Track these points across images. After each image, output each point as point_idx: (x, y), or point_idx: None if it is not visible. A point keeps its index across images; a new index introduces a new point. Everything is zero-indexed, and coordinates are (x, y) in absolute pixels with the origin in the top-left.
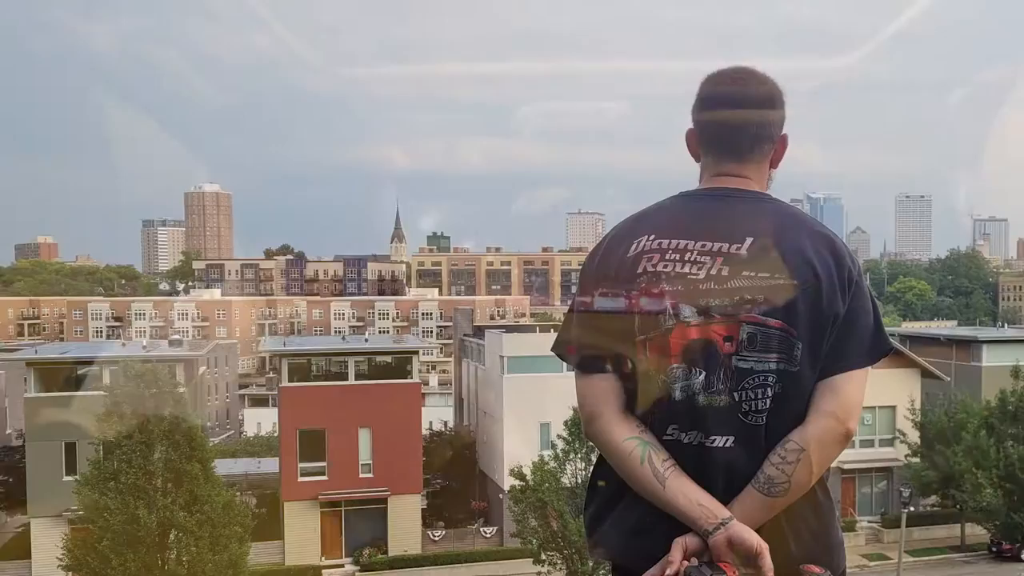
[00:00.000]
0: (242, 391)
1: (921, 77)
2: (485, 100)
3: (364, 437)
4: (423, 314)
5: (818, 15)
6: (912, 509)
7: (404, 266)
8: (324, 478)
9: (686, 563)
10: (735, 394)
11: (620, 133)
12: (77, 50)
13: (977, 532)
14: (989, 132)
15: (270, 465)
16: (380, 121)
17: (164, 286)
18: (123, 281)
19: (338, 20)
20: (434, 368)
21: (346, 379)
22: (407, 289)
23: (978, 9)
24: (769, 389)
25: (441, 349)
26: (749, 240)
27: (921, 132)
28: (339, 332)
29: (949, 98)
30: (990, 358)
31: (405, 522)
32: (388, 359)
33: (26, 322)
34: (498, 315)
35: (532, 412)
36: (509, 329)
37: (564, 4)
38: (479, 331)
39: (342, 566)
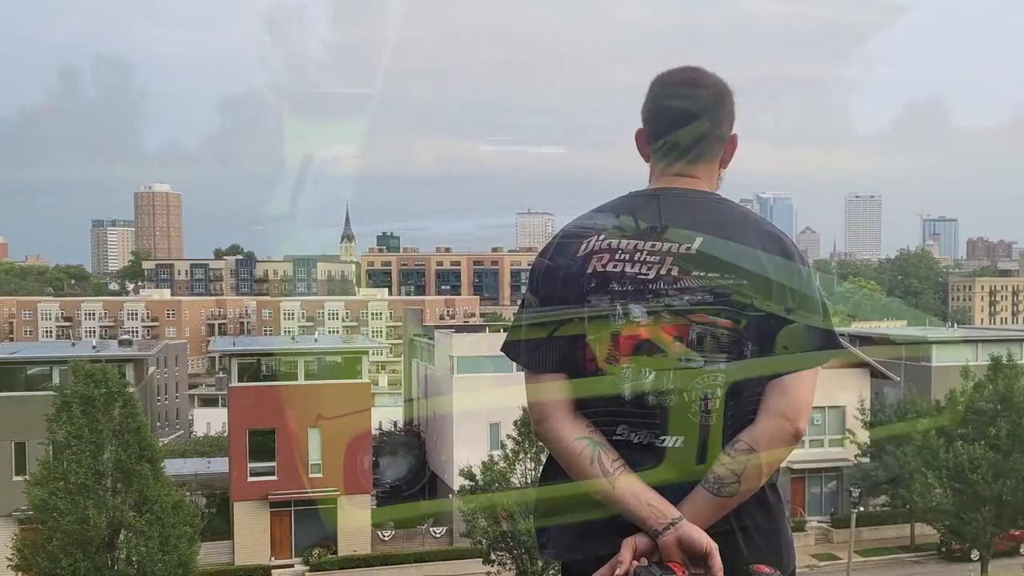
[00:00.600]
0: (192, 391)
1: (872, 78)
2: (440, 99)
3: (314, 437)
4: (373, 314)
5: (772, 16)
6: (862, 509)
7: (354, 266)
8: (274, 478)
9: (636, 563)
10: (685, 394)
11: (573, 132)
12: (26, 50)
13: (927, 532)
14: (936, 132)
15: (220, 465)
16: (330, 120)
17: (114, 286)
18: (73, 281)
19: (290, 18)
20: (384, 368)
21: (296, 379)
22: (357, 289)
23: (931, 12)
24: (719, 389)
25: (391, 349)
26: (699, 240)
27: (871, 132)
28: (289, 332)
29: (900, 98)
30: (939, 358)
31: (354, 522)
32: (338, 359)
33: None
34: (448, 315)
35: (482, 412)
36: (459, 329)
37: (524, 2)
38: (429, 331)
39: (292, 566)
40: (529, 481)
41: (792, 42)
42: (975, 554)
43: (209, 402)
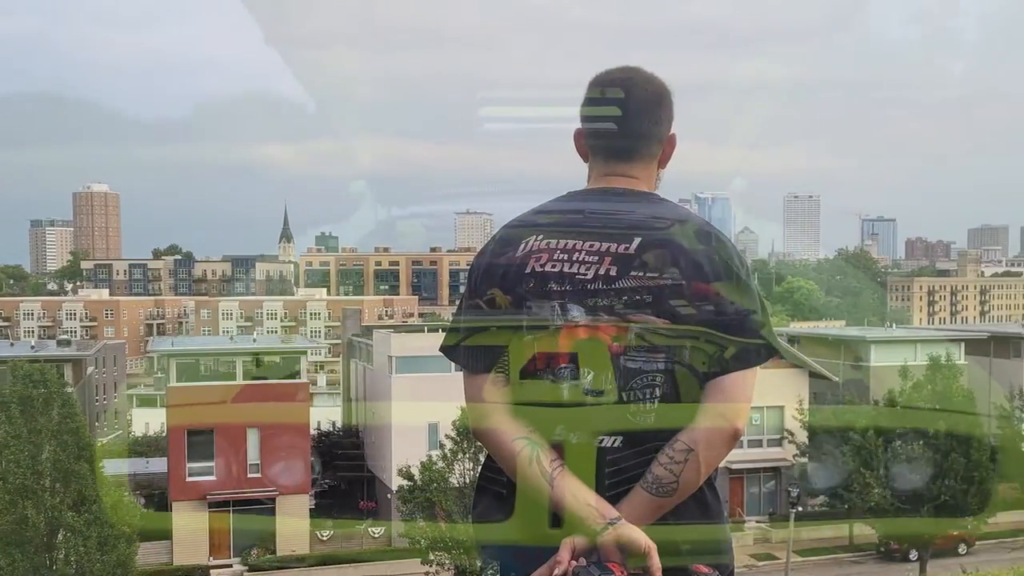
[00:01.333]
0: (130, 391)
1: (812, 77)
2: (379, 99)
3: (252, 437)
4: (311, 314)
5: (710, 15)
6: (800, 509)
7: (292, 266)
8: (212, 478)
9: (574, 563)
10: (623, 394)
11: (511, 132)
12: None
13: (866, 532)
14: (879, 133)
15: (158, 465)
16: (271, 120)
17: (52, 286)
18: (11, 281)
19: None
20: (322, 368)
21: (234, 379)
22: (295, 289)
23: (871, 11)
24: (657, 389)
25: (329, 349)
26: (637, 240)
27: (811, 132)
28: (227, 332)
29: (840, 98)
30: (878, 358)
31: (293, 522)
32: (276, 359)
33: None
34: (386, 315)
35: (420, 412)
36: (397, 329)
37: (463, 2)
38: (367, 331)
39: (230, 566)
40: (468, 481)
41: (732, 42)
42: (914, 554)
43: (148, 402)
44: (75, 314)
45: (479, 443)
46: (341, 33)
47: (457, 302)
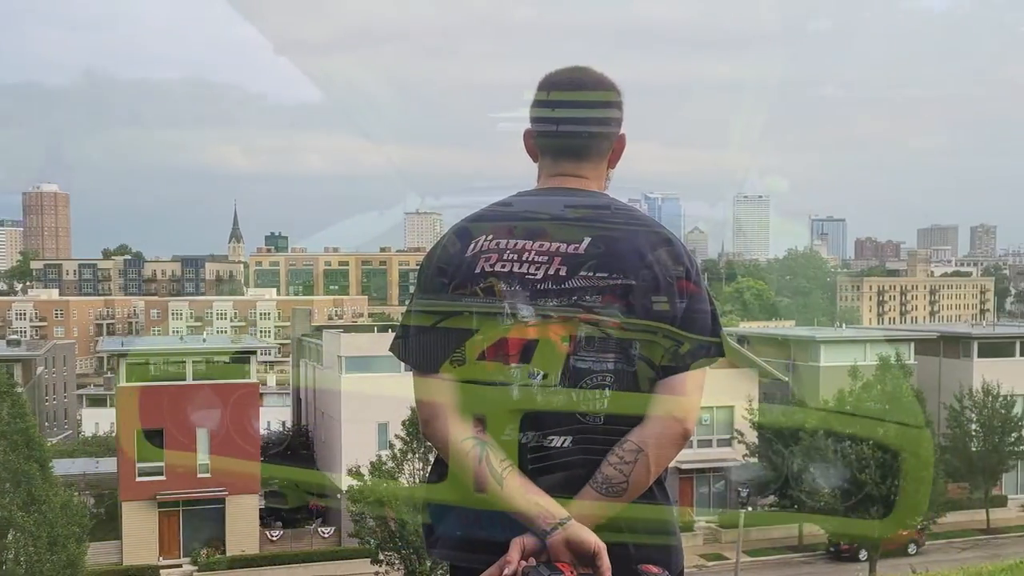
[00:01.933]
0: (80, 391)
1: (761, 78)
2: (328, 99)
3: (202, 437)
4: (261, 314)
5: (661, 18)
6: (750, 509)
7: (242, 266)
8: (162, 478)
9: (524, 563)
10: (573, 394)
11: (460, 132)
12: None
13: (815, 532)
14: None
15: (108, 465)
16: (220, 120)
17: (2, 286)
18: None
19: (177, 19)
20: (272, 368)
21: (184, 379)
22: (245, 289)
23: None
24: (607, 389)
25: (279, 349)
26: (587, 240)
27: (760, 133)
28: (177, 332)
29: (788, 99)
30: (828, 358)
31: (242, 522)
32: (226, 359)
33: None
34: (336, 315)
35: (370, 412)
36: (347, 329)
37: (412, 2)
38: (317, 331)
39: (180, 566)
40: (418, 481)
41: (681, 43)
42: (863, 554)
43: (97, 402)
44: (25, 314)
45: (429, 443)
46: (292, 32)
47: (407, 302)
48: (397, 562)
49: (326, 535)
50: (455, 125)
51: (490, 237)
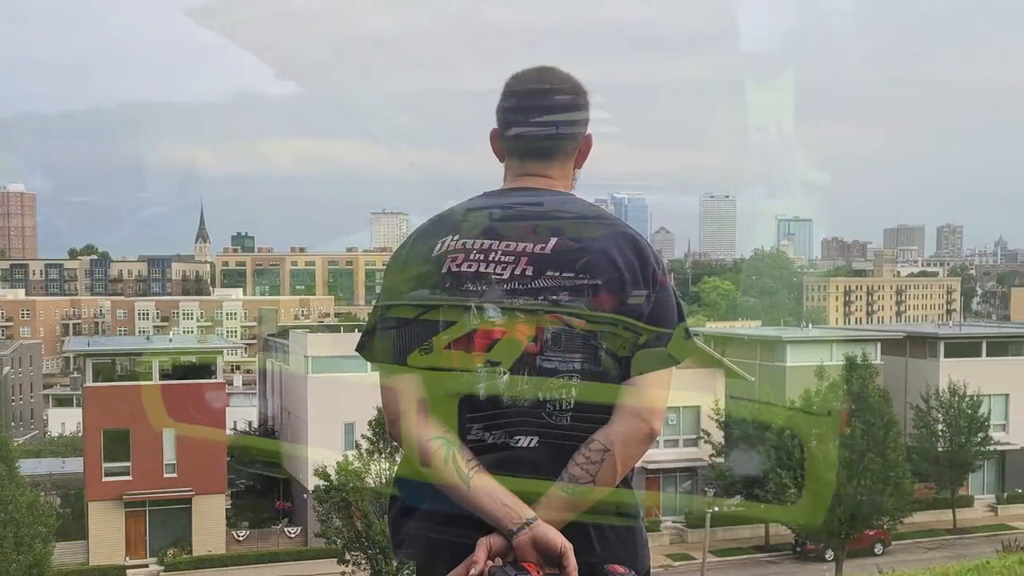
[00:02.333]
0: (46, 391)
1: (726, 78)
2: (294, 100)
3: (168, 437)
4: (227, 314)
5: (629, 19)
6: (716, 509)
7: (208, 266)
8: (128, 478)
9: (490, 563)
10: (539, 394)
11: (427, 132)
12: None
13: (781, 532)
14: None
15: (75, 465)
16: (189, 120)
17: None
18: None
19: (139, 22)
20: (238, 368)
21: (151, 379)
22: (211, 289)
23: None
24: (573, 389)
25: (246, 349)
26: (553, 240)
27: (727, 133)
28: (143, 332)
29: (754, 99)
30: (794, 358)
31: (209, 522)
32: (193, 359)
33: None
34: (303, 315)
35: (337, 412)
36: (314, 329)
37: (380, 3)
38: (284, 331)
39: (146, 566)
40: (384, 481)
41: (647, 43)
42: (830, 554)
43: (64, 402)
44: None
45: (395, 443)
46: (254, 33)
47: (373, 302)
48: (363, 562)
49: (292, 535)
50: (423, 125)
51: (456, 237)
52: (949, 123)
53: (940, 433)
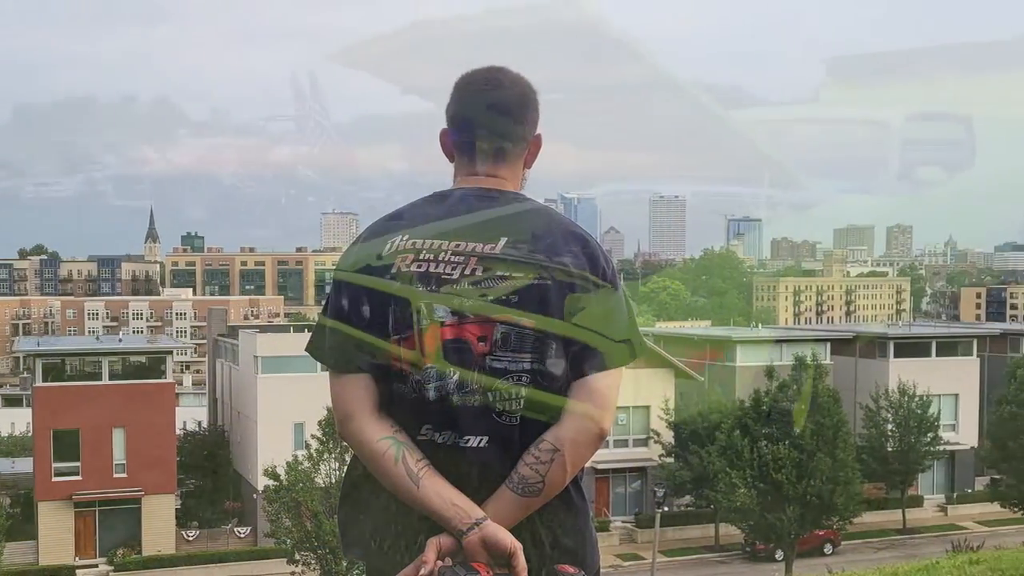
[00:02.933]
0: None
1: (676, 78)
2: (239, 100)
3: (118, 437)
4: (177, 314)
5: (576, 19)
6: (666, 509)
7: (158, 266)
8: (78, 478)
9: (440, 563)
10: (489, 394)
11: (374, 132)
12: None
13: (731, 532)
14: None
15: (24, 465)
16: (132, 120)
17: None
18: None
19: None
20: (188, 368)
21: (100, 379)
22: (161, 289)
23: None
24: (523, 389)
25: (195, 349)
26: (503, 240)
27: (675, 133)
28: (93, 332)
29: (702, 99)
30: (744, 358)
31: (159, 522)
32: (142, 359)
33: None
34: (252, 315)
35: (286, 412)
36: (263, 329)
37: (321, 4)
38: (233, 331)
39: (96, 566)
40: (334, 481)
41: (596, 44)
42: (779, 554)
43: (13, 402)
44: None
45: (345, 443)
46: (199, 34)
47: (323, 302)
48: (313, 562)
49: (242, 535)
50: (372, 126)
51: (406, 237)
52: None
53: (890, 433)
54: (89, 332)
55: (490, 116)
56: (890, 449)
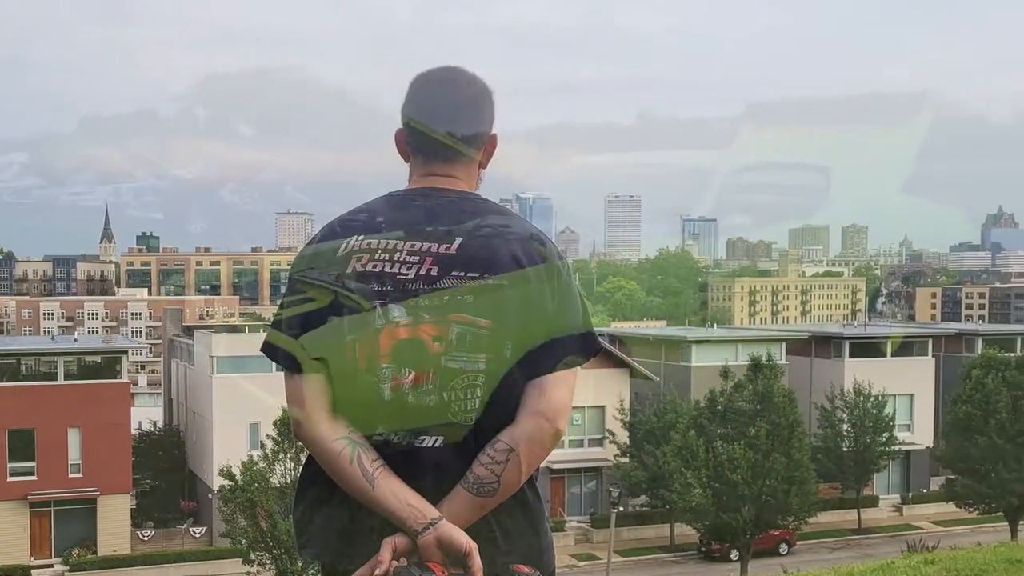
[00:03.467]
0: None
1: (617, 78)
2: (197, 100)
3: (74, 437)
4: (133, 314)
5: (532, 20)
6: (621, 509)
7: (114, 266)
8: (33, 478)
9: (395, 563)
10: (444, 394)
11: (331, 133)
12: None
13: (686, 532)
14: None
15: None
16: (91, 119)
17: None
18: None
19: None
20: (143, 368)
21: (56, 379)
22: (117, 289)
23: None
24: (479, 389)
25: (151, 349)
26: (458, 240)
27: (630, 132)
28: (49, 332)
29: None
30: (699, 358)
31: (114, 522)
32: (97, 359)
33: None
34: (208, 315)
35: (242, 412)
36: (219, 329)
37: (279, 4)
38: (188, 331)
39: (51, 566)
40: (289, 481)
41: (551, 44)
42: (735, 554)
43: None
44: None
45: (300, 443)
46: (160, 34)
47: (278, 302)
48: (269, 562)
49: (198, 535)
50: (326, 126)
51: (361, 237)
52: (855, 123)
53: (845, 433)
54: (44, 332)
55: (445, 115)
56: (845, 449)
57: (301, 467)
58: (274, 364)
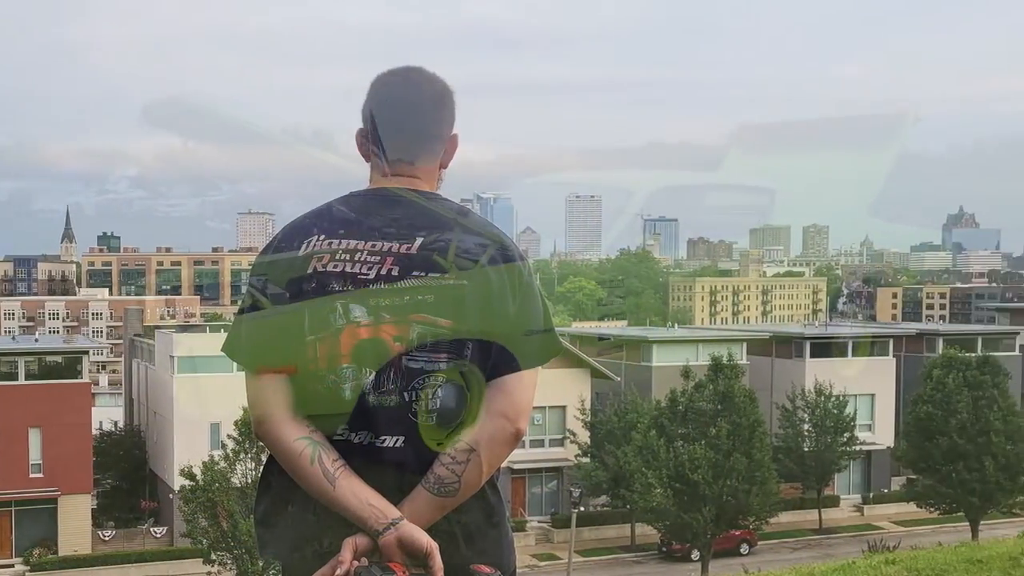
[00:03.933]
0: None
1: (590, 78)
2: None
3: (34, 437)
4: (93, 314)
5: (495, 20)
6: (582, 509)
7: (74, 266)
8: None
9: (356, 563)
10: (405, 394)
11: (292, 132)
12: None
13: (647, 532)
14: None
15: None
16: (48, 119)
17: None
18: None
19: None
20: (104, 368)
21: (16, 379)
22: (77, 289)
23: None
24: (439, 389)
25: (112, 349)
26: (419, 240)
27: (591, 132)
28: (9, 332)
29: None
30: (660, 358)
31: (75, 522)
32: (58, 359)
33: None
34: (169, 315)
35: (203, 412)
36: (180, 329)
37: (245, 4)
38: (149, 331)
39: (12, 566)
40: (250, 481)
41: (513, 45)
42: (696, 554)
43: None
44: None
45: (261, 443)
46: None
47: (239, 302)
48: (229, 562)
49: (158, 535)
50: (287, 125)
51: (322, 238)
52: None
53: (806, 433)
54: (5, 332)
55: (406, 115)
56: (806, 449)
57: (262, 467)
58: (235, 364)
